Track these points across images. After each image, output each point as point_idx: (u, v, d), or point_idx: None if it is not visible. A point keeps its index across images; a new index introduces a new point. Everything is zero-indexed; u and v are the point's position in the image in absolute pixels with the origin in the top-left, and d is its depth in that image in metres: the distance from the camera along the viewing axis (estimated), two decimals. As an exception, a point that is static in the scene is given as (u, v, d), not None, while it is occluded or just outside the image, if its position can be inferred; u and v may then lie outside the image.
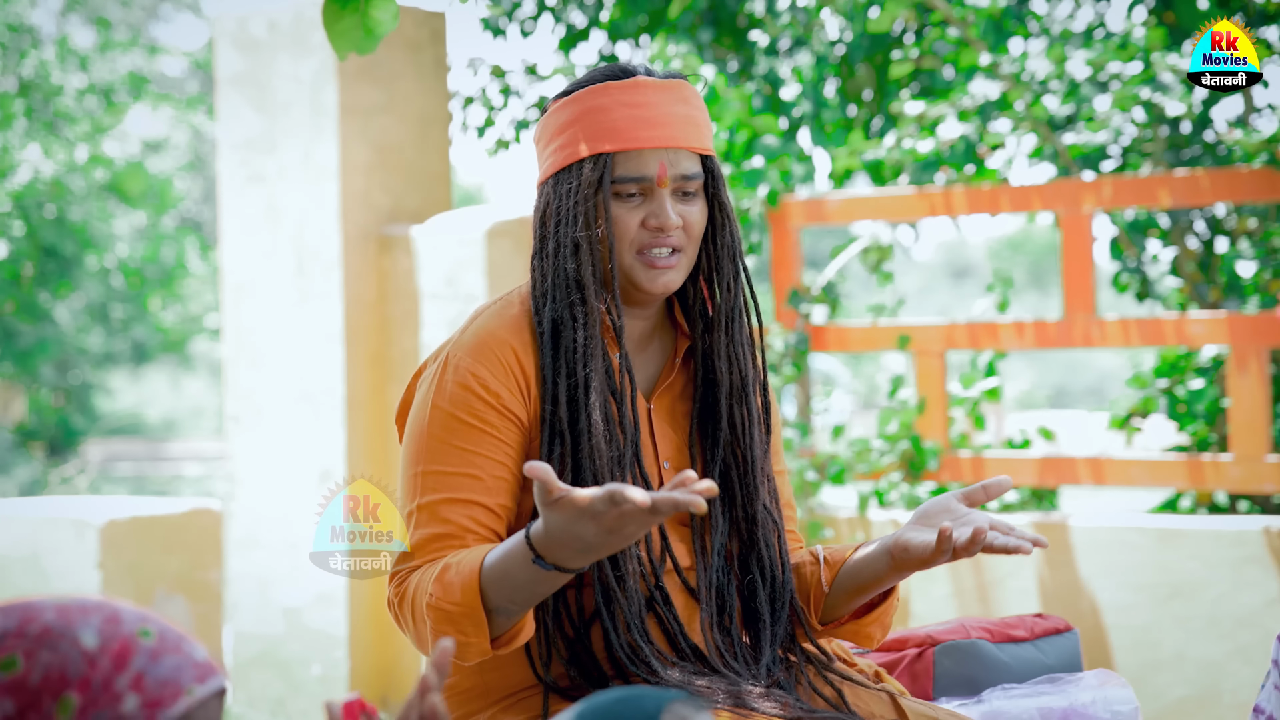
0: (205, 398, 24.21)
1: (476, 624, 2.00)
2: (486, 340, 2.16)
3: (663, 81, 2.18)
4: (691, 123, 2.18)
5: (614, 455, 2.13)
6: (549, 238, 2.19)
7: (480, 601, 1.99)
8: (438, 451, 2.12)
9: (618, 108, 2.15)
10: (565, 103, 2.19)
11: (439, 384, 2.15)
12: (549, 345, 2.15)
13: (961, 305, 27.53)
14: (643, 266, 2.16)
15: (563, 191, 2.17)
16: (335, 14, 2.33)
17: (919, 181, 5.38)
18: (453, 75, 6.58)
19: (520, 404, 2.14)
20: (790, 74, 6.24)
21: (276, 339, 5.17)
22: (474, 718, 2.18)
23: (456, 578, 2.01)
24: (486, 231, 5.01)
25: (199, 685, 1.40)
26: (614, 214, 2.15)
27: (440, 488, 2.11)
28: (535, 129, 2.26)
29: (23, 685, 1.36)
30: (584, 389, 2.12)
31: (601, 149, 2.15)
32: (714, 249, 2.23)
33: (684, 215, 2.17)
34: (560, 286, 2.15)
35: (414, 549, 2.10)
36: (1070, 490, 8.96)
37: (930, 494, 4.97)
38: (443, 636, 1.94)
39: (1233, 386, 4.41)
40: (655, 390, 2.24)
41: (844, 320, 5.26)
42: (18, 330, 17.26)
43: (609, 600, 2.10)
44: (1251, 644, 4.10)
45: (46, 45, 19.20)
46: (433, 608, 2.02)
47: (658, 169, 2.15)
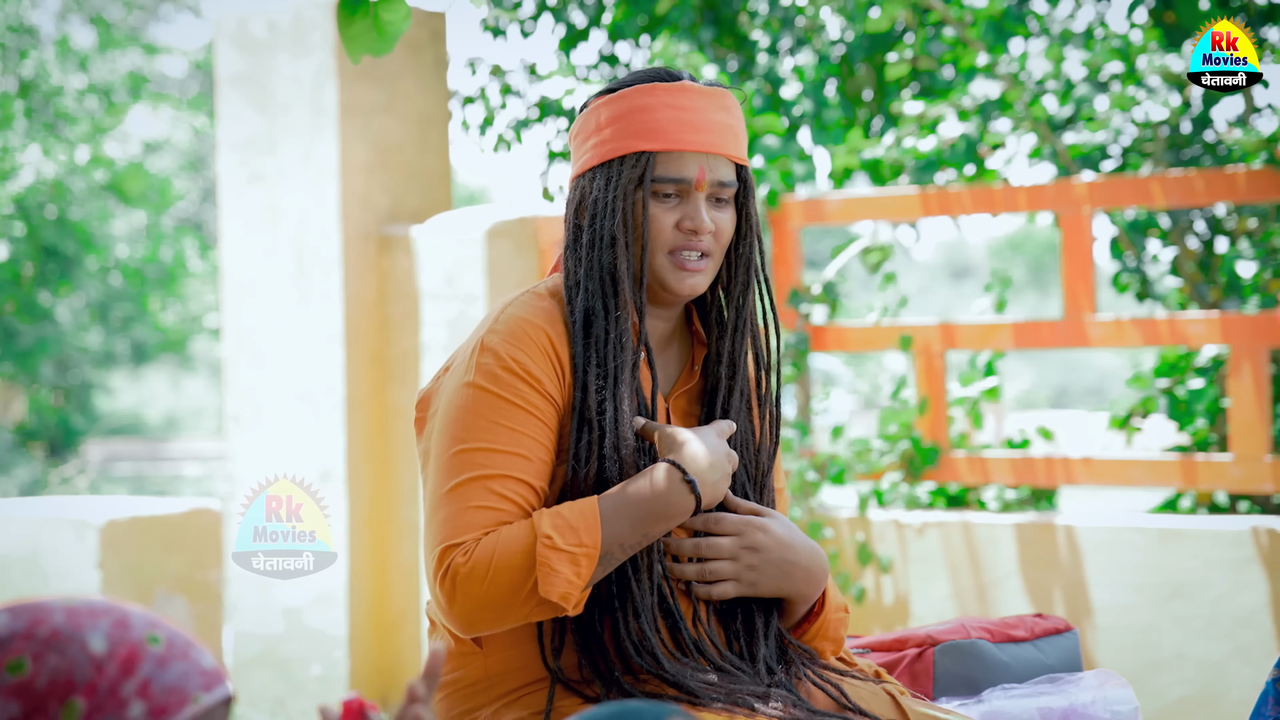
0: (205, 398, 24.21)
1: (590, 563, 2.05)
2: (523, 326, 2.17)
3: (707, 89, 2.21)
4: (731, 132, 2.22)
5: (639, 446, 2.16)
6: (584, 230, 2.21)
7: (599, 540, 2.04)
8: (483, 430, 2.11)
9: (662, 108, 2.18)
10: (609, 99, 2.22)
11: (477, 366, 2.15)
12: (580, 334, 2.17)
13: (961, 305, 27.54)
14: (673, 267, 2.19)
15: (600, 185, 2.19)
16: (347, 18, 2.33)
17: (919, 181, 5.38)
18: (452, 75, 6.57)
19: (557, 389, 2.16)
20: (791, 73, 6.24)
21: (276, 339, 5.17)
22: (478, 712, 2.19)
23: (574, 518, 2.05)
24: (486, 231, 5.01)
25: (205, 694, 1.40)
26: (650, 212, 2.18)
27: (490, 464, 2.10)
28: (574, 124, 2.28)
29: (29, 688, 1.35)
30: (614, 379, 2.14)
31: (643, 147, 2.18)
32: (734, 257, 2.26)
33: (716, 221, 2.20)
34: (594, 278, 2.18)
35: (470, 522, 2.08)
36: (1070, 490, 8.96)
37: (929, 494, 4.97)
38: (552, 577, 2.02)
39: (1232, 386, 4.41)
40: (673, 392, 2.27)
41: (844, 320, 5.26)
42: (18, 330, 17.26)
43: (623, 588, 2.12)
44: (1251, 644, 4.10)
45: (46, 45, 19.20)
46: (551, 549, 2.04)
47: (696, 172, 2.18)
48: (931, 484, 4.88)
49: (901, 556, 4.57)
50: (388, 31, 2.33)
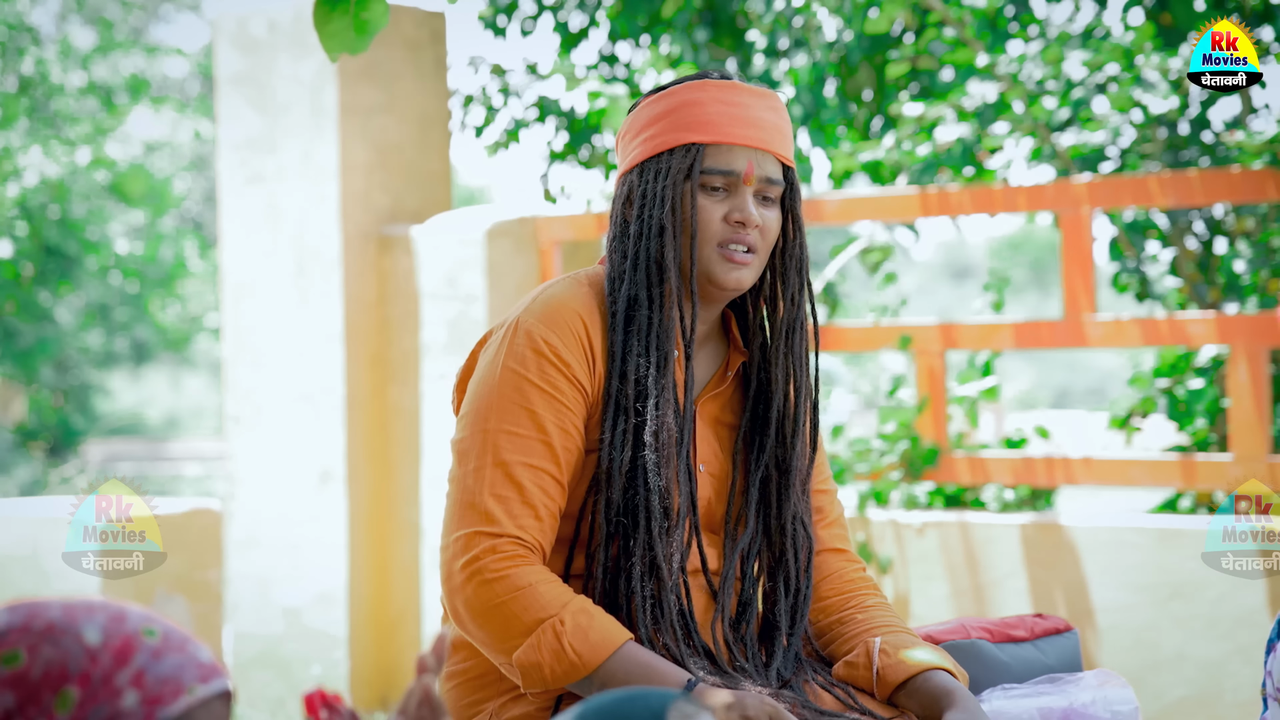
0: (205, 398, 24.20)
1: (571, 675, 2.04)
2: (559, 309, 2.17)
3: (757, 89, 2.23)
4: (780, 131, 2.23)
5: (679, 437, 2.16)
6: (631, 221, 2.21)
7: (596, 665, 2.03)
8: (509, 412, 2.12)
9: (713, 103, 2.20)
10: (659, 97, 2.23)
11: (510, 346, 2.15)
12: (621, 322, 2.17)
13: (961, 305, 27.53)
14: (720, 259, 2.19)
15: (649, 177, 2.20)
16: (325, 15, 2.33)
17: (918, 182, 5.38)
18: (452, 74, 6.58)
19: (587, 376, 2.16)
20: (787, 75, 6.23)
21: (276, 339, 5.17)
22: (484, 704, 2.19)
23: (596, 630, 2.04)
24: (486, 231, 5.01)
25: (201, 685, 1.41)
26: (699, 203, 2.18)
27: (513, 449, 2.11)
28: (621, 126, 2.29)
29: (24, 679, 1.36)
30: (658, 368, 2.14)
31: (694, 139, 2.19)
32: (783, 260, 2.26)
33: (763, 218, 2.21)
34: (641, 267, 2.18)
35: (489, 512, 2.09)
36: (1069, 490, 8.96)
37: (929, 494, 4.97)
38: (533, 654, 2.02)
39: (1232, 386, 4.41)
40: (703, 395, 2.26)
41: (844, 320, 5.26)
42: (18, 330, 17.26)
43: (647, 580, 2.12)
44: (1251, 644, 4.10)
45: (47, 45, 19.20)
46: (554, 634, 2.04)
47: (745, 166, 2.19)
48: (931, 484, 4.88)
49: (901, 556, 4.57)
50: (366, 29, 2.33)
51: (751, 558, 2.24)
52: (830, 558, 2.33)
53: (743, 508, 2.25)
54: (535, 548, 2.10)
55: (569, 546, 2.19)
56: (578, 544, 2.19)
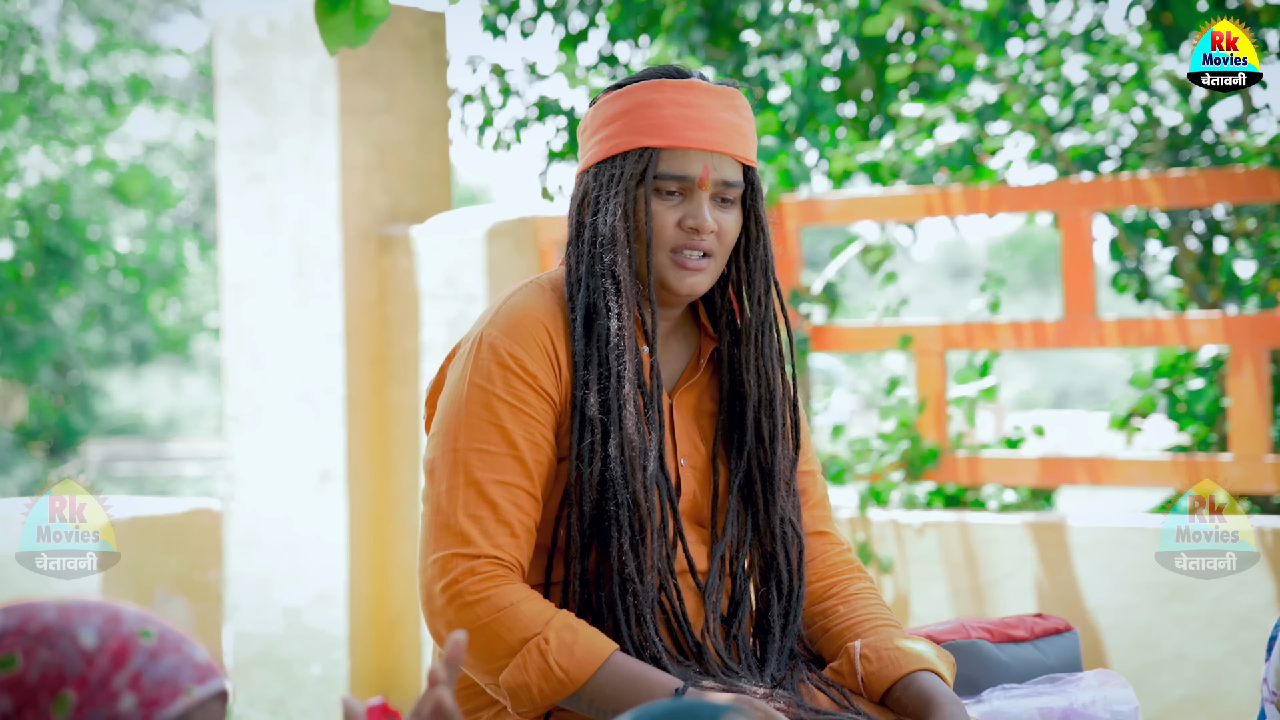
0: (205, 398, 24.20)
1: (559, 692, 2.03)
2: (521, 320, 2.14)
3: (716, 87, 2.18)
4: (739, 131, 2.18)
5: (643, 448, 2.12)
6: (585, 226, 2.18)
7: (584, 680, 2.02)
8: (478, 429, 2.10)
9: (669, 105, 2.15)
10: (616, 95, 2.19)
11: (475, 362, 2.13)
12: (582, 331, 2.14)
13: (961, 305, 27.53)
14: (673, 266, 2.16)
15: (604, 181, 2.17)
16: (327, 10, 2.32)
17: (918, 183, 5.38)
18: (452, 74, 6.58)
19: (554, 386, 2.14)
20: (781, 78, 6.23)
21: (276, 339, 5.17)
22: (480, 713, 2.18)
23: (581, 644, 2.03)
24: (486, 231, 5.01)
25: (198, 686, 1.40)
26: (652, 209, 2.15)
27: (484, 467, 2.09)
28: (582, 119, 2.26)
29: (20, 683, 1.36)
30: (618, 380, 2.11)
31: (647, 143, 2.15)
32: (747, 262, 2.23)
33: (719, 221, 2.17)
34: (596, 275, 2.15)
35: (464, 533, 2.07)
36: (1069, 490, 8.96)
37: (929, 494, 4.97)
38: (519, 674, 2.01)
39: (1232, 386, 4.41)
40: (678, 388, 2.24)
41: (844, 320, 5.26)
42: (18, 330, 17.26)
43: (625, 591, 2.10)
44: (1251, 644, 4.10)
45: (47, 44, 19.20)
46: (539, 653, 2.03)
47: (700, 170, 2.15)
48: (931, 484, 4.87)
49: (901, 556, 4.57)
50: (367, 23, 2.33)
51: (740, 556, 2.22)
52: (813, 541, 2.31)
53: (727, 501, 2.23)
54: (513, 565, 2.08)
55: (548, 554, 2.17)
56: (556, 551, 2.17)
